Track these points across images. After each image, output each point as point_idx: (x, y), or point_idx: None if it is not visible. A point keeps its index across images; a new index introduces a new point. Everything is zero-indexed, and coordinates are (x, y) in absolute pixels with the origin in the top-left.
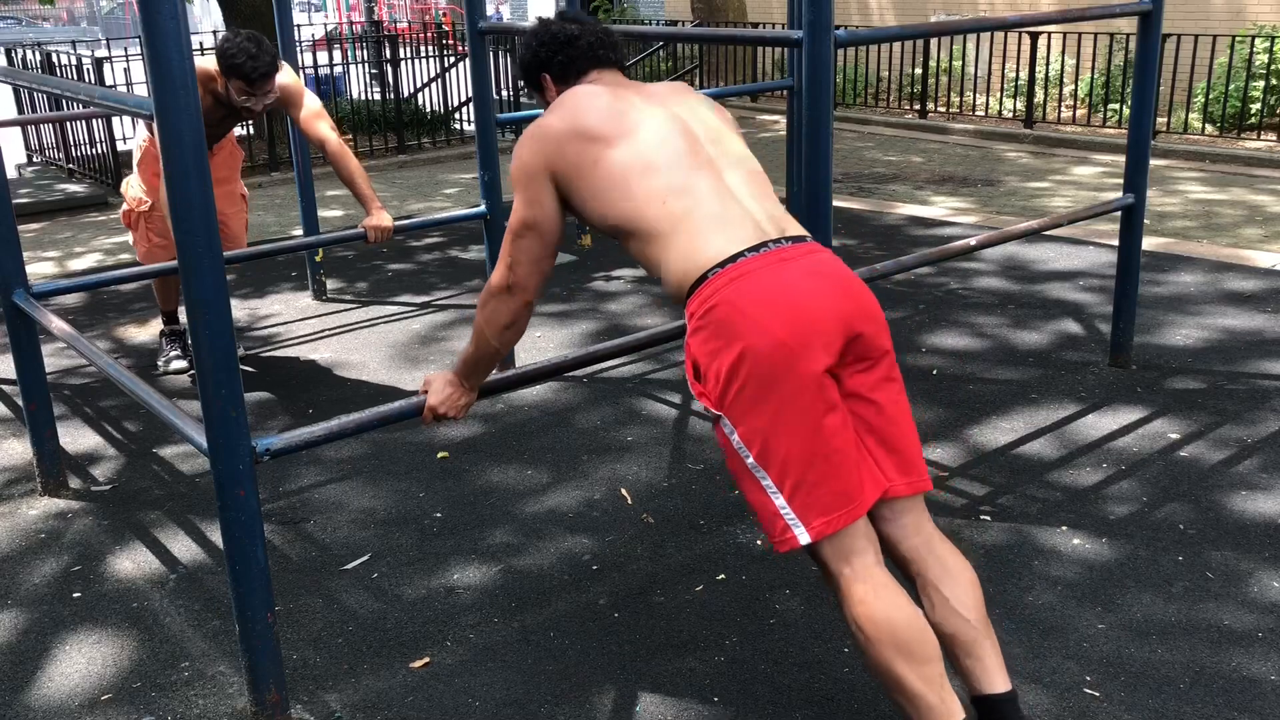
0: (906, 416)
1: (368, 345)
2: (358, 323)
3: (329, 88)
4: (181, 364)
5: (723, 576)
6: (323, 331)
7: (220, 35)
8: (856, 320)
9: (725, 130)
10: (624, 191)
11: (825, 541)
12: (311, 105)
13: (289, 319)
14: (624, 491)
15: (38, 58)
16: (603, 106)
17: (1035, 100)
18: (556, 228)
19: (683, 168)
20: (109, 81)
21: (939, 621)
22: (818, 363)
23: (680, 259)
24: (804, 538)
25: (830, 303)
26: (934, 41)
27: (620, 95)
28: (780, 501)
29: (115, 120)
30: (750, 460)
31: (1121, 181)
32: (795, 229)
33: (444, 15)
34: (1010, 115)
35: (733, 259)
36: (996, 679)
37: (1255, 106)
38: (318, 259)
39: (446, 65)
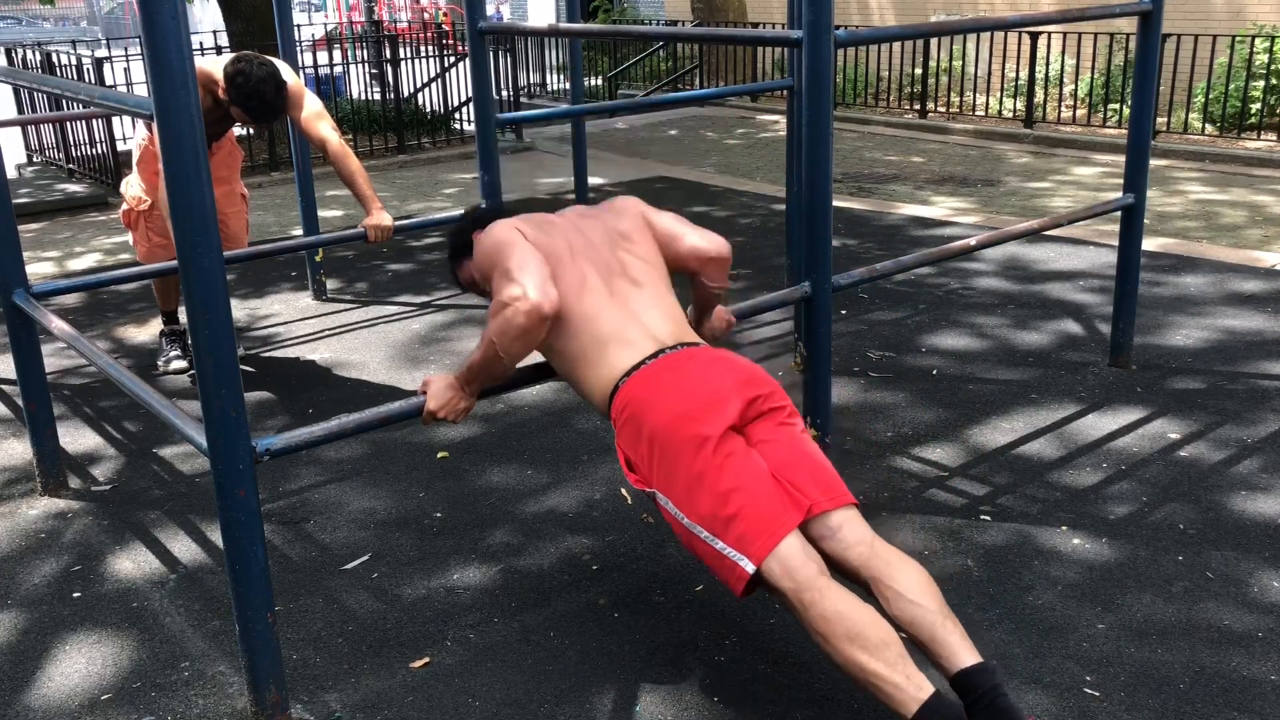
0: (810, 449)
1: (368, 345)
2: (358, 323)
3: (329, 88)
4: (181, 364)
5: None
6: (323, 331)
7: (239, 58)
8: (746, 388)
9: (628, 249)
10: (566, 308)
11: (768, 565)
12: (312, 106)
13: (289, 319)
14: (624, 491)
15: (38, 58)
16: (548, 223)
17: (1035, 100)
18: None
19: (602, 297)
20: (109, 81)
21: (897, 614)
22: (713, 425)
23: (597, 379)
24: (749, 566)
25: (719, 380)
26: (934, 41)
27: (552, 221)
28: (720, 545)
29: (115, 120)
30: (686, 521)
31: (1122, 181)
32: (690, 338)
33: (444, 15)
34: (1010, 115)
35: (636, 367)
36: (963, 655)
37: (1255, 106)
38: (318, 259)
39: (446, 65)
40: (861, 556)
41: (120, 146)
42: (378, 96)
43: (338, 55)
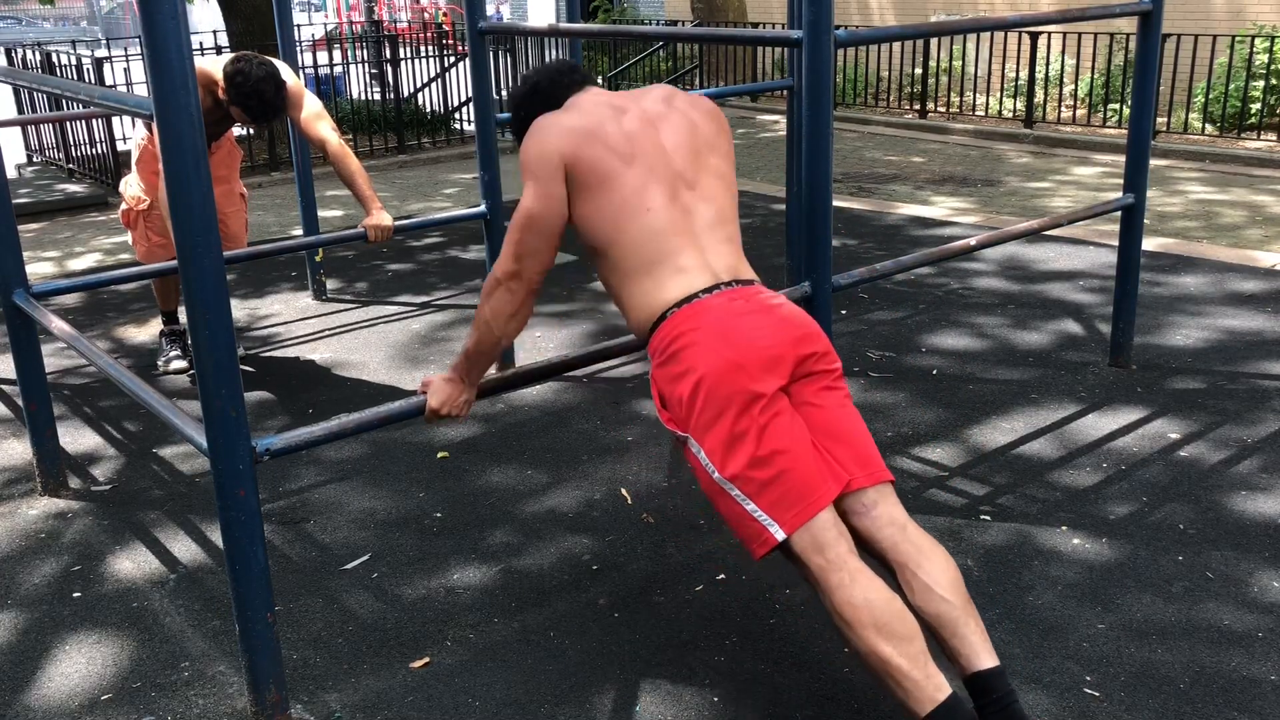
0: (853, 418)
1: (368, 345)
2: (358, 323)
3: (329, 88)
4: (181, 364)
5: (723, 576)
6: (323, 331)
7: (239, 58)
8: (801, 345)
9: (706, 159)
10: (617, 224)
11: (798, 536)
12: (312, 107)
13: (289, 319)
14: (624, 491)
15: (38, 58)
16: (614, 119)
17: (1035, 100)
18: (562, 222)
19: (661, 214)
20: (109, 81)
21: (920, 606)
22: (766, 383)
23: (643, 300)
24: (779, 534)
25: (775, 332)
26: (934, 41)
27: (623, 110)
28: (751, 506)
29: (115, 120)
30: (717, 475)
31: (1122, 181)
32: (747, 274)
33: (444, 15)
34: (1010, 115)
35: (689, 299)
36: (983, 656)
37: (1255, 106)
38: (318, 259)
39: (446, 65)
40: (891, 539)
41: (120, 146)
42: (378, 96)
43: (338, 55)
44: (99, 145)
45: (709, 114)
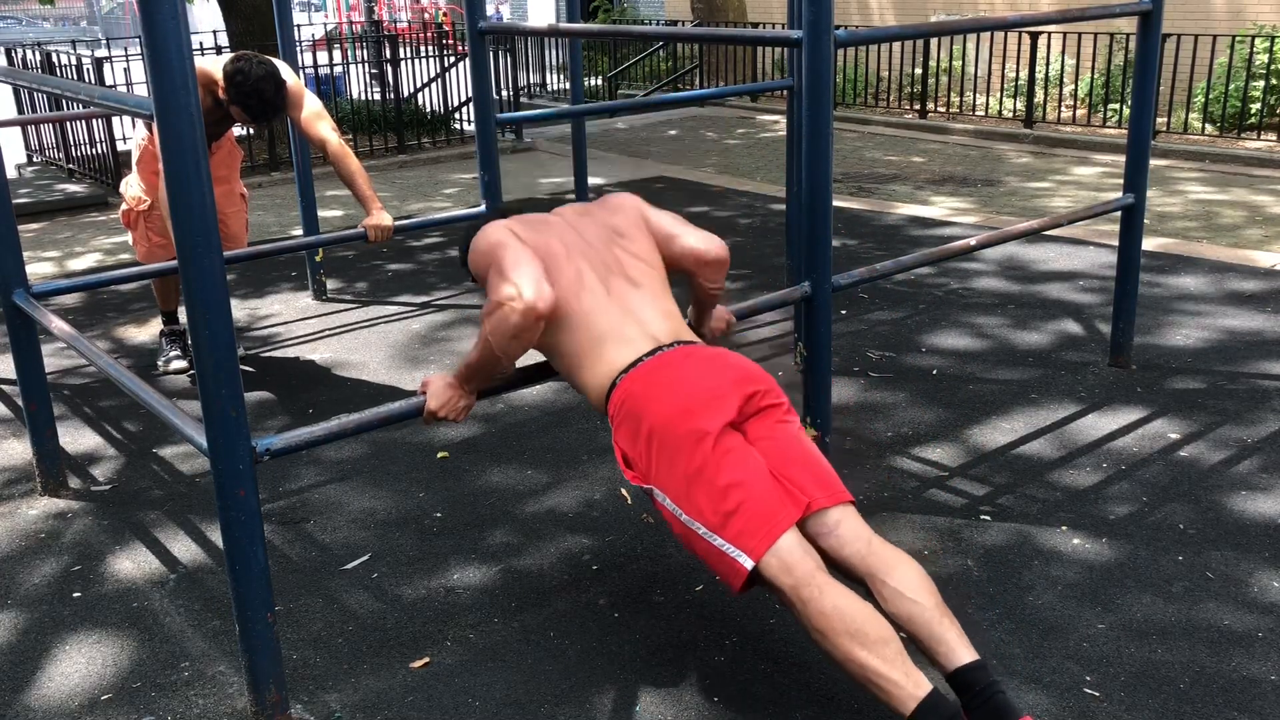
0: (808, 446)
1: (368, 345)
2: (358, 323)
3: (329, 88)
4: (181, 364)
5: None
6: (323, 331)
7: (238, 57)
8: (743, 384)
9: (628, 248)
10: (564, 300)
11: (766, 561)
12: (312, 106)
13: (289, 319)
14: (624, 491)
15: (38, 58)
16: (544, 224)
17: (1035, 100)
18: (540, 262)
19: (600, 297)
20: (109, 81)
21: (894, 613)
22: (712, 421)
23: (593, 375)
24: (748, 562)
25: (716, 374)
26: (934, 41)
27: (548, 222)
28: (719, 541)
29: (115, 120)
30: (684, 517)
31: (1121, 181)
32: (687, 336)
33: (444, 15)
34: (1010, 115)
35: (634, 364)
36: (960, 653)
37: (1255, 106)
38: (318, 259)
39: (446, 65)
40: (859, 554)
41: (120, 146)
42: (378, 96)
43: (338, 55)
44: (99, 145)
45: (617, 209)
